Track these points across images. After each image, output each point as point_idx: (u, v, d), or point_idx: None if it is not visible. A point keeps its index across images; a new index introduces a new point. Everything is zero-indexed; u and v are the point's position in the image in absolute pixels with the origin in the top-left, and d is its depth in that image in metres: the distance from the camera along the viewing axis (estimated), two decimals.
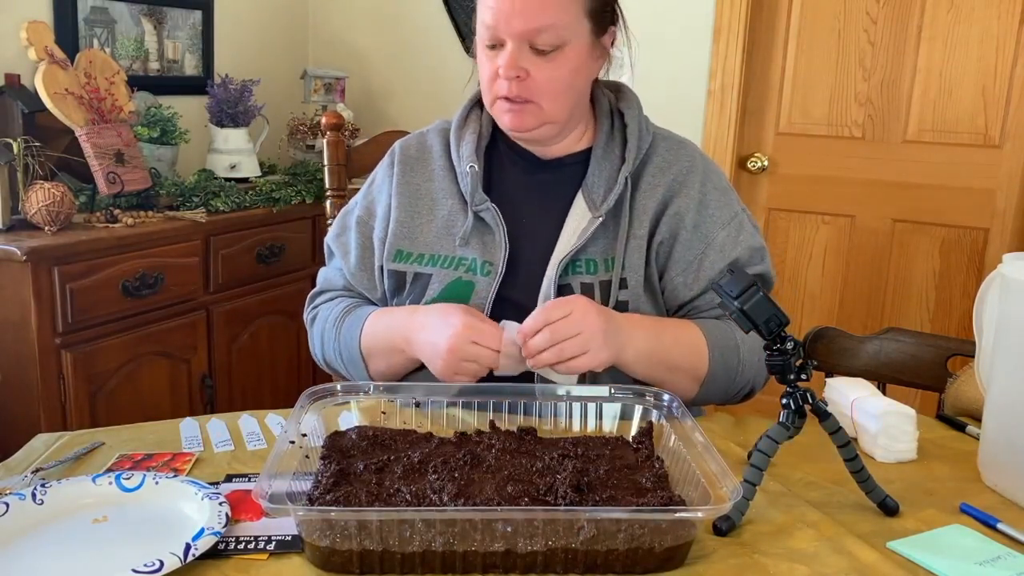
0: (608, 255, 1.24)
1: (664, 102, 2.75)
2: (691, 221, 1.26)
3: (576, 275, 1.24)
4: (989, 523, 0.95)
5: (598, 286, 1.23)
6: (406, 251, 1.30)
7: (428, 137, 1.38)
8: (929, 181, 2.65)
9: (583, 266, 1.24)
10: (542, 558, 0.82)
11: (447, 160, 1.33)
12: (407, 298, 1.30)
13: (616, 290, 1.23)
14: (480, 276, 1.25)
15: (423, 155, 1.36)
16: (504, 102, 1.22)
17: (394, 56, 3.20)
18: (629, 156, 1.26)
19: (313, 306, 1.41)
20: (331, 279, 1.40)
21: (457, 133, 1.32)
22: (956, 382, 1.30)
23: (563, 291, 1.23)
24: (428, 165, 1.34)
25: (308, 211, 2.67)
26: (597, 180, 1.27)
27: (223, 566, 0.83)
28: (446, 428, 1.08)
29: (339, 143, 1.67)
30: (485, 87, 1.24)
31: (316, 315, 1.39)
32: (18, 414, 1.99)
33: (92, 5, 2.49)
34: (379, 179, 1.37)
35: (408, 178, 1.34)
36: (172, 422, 1.17)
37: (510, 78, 1.19)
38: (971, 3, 2.51)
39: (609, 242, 1.25)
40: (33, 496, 0.91)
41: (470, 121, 1.33)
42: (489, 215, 1.26)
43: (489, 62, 1.21)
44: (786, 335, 0.93)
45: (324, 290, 1.42)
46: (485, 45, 1.21)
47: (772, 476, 1.02)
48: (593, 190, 1.26)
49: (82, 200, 2.22)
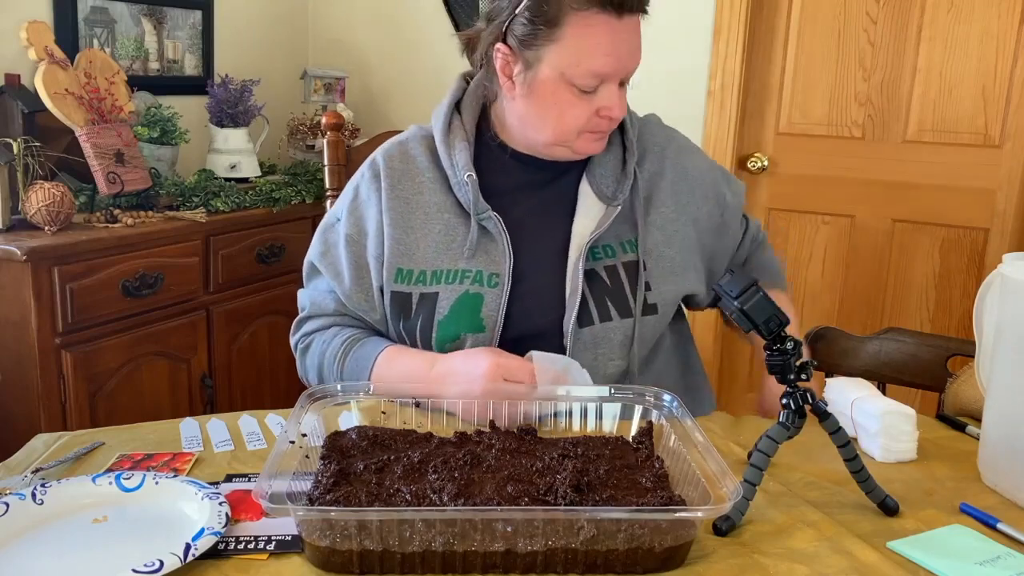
0: (622, 239, 1.27)
1: (664, 102, 2.75)
2: (700, 194, 1.34)
3: (598, 261, 1.26)
4: (989, 523, 0.95)
5: (622, 268, 1.26)
6: (406, 269, 1.26)
7: (410, 146, 1.32)
8: (929, 181, 2.65)
9: (601, 252, 1.26)
10: (542, 558, 0.82)
11: (436, 171, 1.29)
12: (416, 321, 1.25)
13: (642, 270, 1.26)
14: (488, 288, 1.24)
15: (408, 166, 1.30)
16: (595, 135, 1.23)
17: (394, 56, 3.19)
18: (631, 146, 1.29)
19: (303, 333, 1.34)
20: (320, 302, 1.33)
21: (446, 141, 1.28)
22: (956, 382, 1.30)
23: (589, 278, 1.24)
24: (415, 177, 1.29)
25: (308, 211, 2.67)
26: (604, 171, 1.29)
27: (223, 566, 0.83)
28: (446, 428, 1.08)
29: (339, 143, 1.67)
30: (572, 125, 1.21)
31: (309, 344, 1.32)
32: (18, 414, 1.99)
33: (92, 5, 2.49)
34: (364, 194, 1.30)
35: (397, 192, 1.28)
36: (172, 422, 1.17)
37: (619, 116, 1.21)
38: (971, 3, 2.51)
39: (619, 227, 1.27)
40: (33, 496, 0.91)
41: (455, 129, 1.29)
42: (491, 223, 1.24)
43: (585, 103, 1.19)
44: (786, 335, 0.93)
45: (314, 315, 1.34)
46: (581, 90, 1.18)
47: (772, 476, 1.02)
48: (601, 181, 1.28)
49: (82, 200, 2.22)
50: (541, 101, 1.20)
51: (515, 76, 1.21)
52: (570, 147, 1.24)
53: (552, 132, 1.22)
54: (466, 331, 1.23)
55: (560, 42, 1.16)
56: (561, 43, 1.16)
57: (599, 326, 1.24)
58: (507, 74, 1.22)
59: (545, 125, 1.22)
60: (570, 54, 1.16)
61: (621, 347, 1.25)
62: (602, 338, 1.24)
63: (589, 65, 1.16)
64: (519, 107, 1.24)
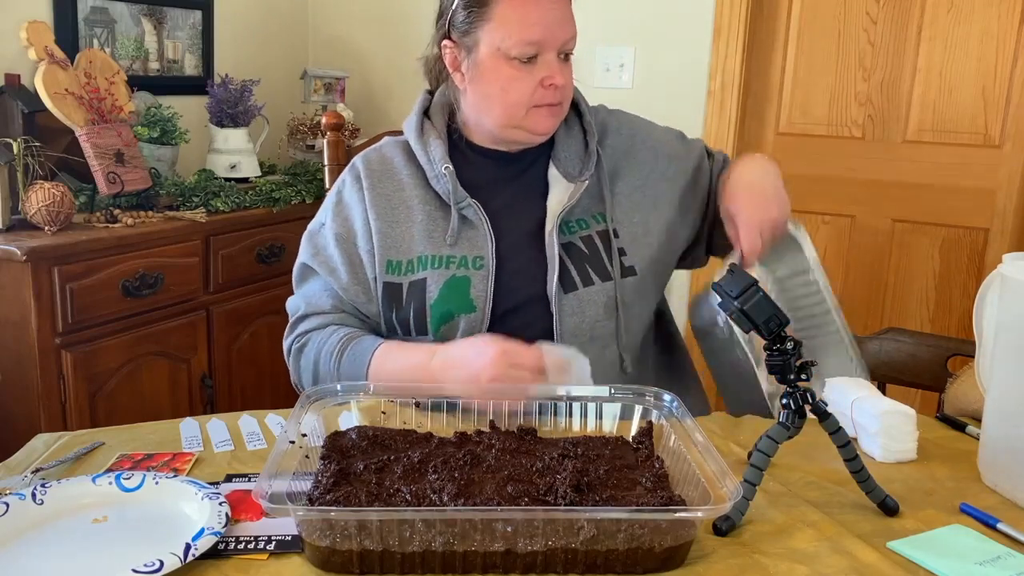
0: (593, 211, 1.33)
1: (664, 102, 2.75)
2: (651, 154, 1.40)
3: (572, 234, 1.31)
4: (989, 523, 0.95)
5: (597, 236, 1.32)
6: (395, 260, 1.30)
7: (385, 151, 1.38)
8: (929, 181, 2.64)
9: (576, 226, 1.32)
10: (542, 558, 0.82)
11: (413, 167, 1.34)
12: (408, 309, 1.28)
13: (613, 238, 1.32)
14: (473, 270, 1.27)
15: (386, 167, 1.36)
16: (546, 109, 1.28)
17: (394, 56, 3.19)
18: (590, 128, 1.36)
19: (299, 332, 1.33)
20: (316, 301, 1.33)
21: (420, 140, 1.34)
22: (956, 382, 1.30)
23: (567, 250, 1.30)
24: (394, 176, 1.35)
25: (308, 211, 2.64)
26: (568, 154, 1.35)
27: (223, 566, 0.83)
28: (446, 428, 1.08)
29: (339, 143, 1.67)
30: (518, 99, 1.26)
31: (305, 344, 1.31)
32: (18, 414, 1.99)
33: (92, 5, 2.49)
34: (347, 195, 1.36)
35: (379, 190, 1.34)
36: (172, 422, 1.17)
37: (561, 84, 1.26)
38: (971, 3, 2.51)
39: (588, 202, 1.33)
40: (33, 496, 0.91)
41: (427, 130, 1.35)
42: (471, 211, 1.30)
43: (526, 75, 1.25)
44: (786, 335, 0.93)
45: (310, 313, 1.33)
46: (519, 61, 1.24)
47: (772, 476, 1.02)
48: (566, 163, 1.34)
49: (82, 200, 2.22)
50: (485, 80, 1.27)
51: (462, 66, 1.29)
52: (523, 127, 1.29)
53: (501, 110, 1.28)
54: (457, 311, 1.27)
55: (492, 20, 1.24)
56: (493, 21, 1.24)
57: (583, 290, 1.29)
58: (455, 67, 1.30)
59: (493, 104, 1.28)
60: (502, 28, 1.24)
61: (607, 308, 1.30)
62: (587, 301, 1.29)
63: (520, 35, 1.23)
64: (470, 96, 1.31)
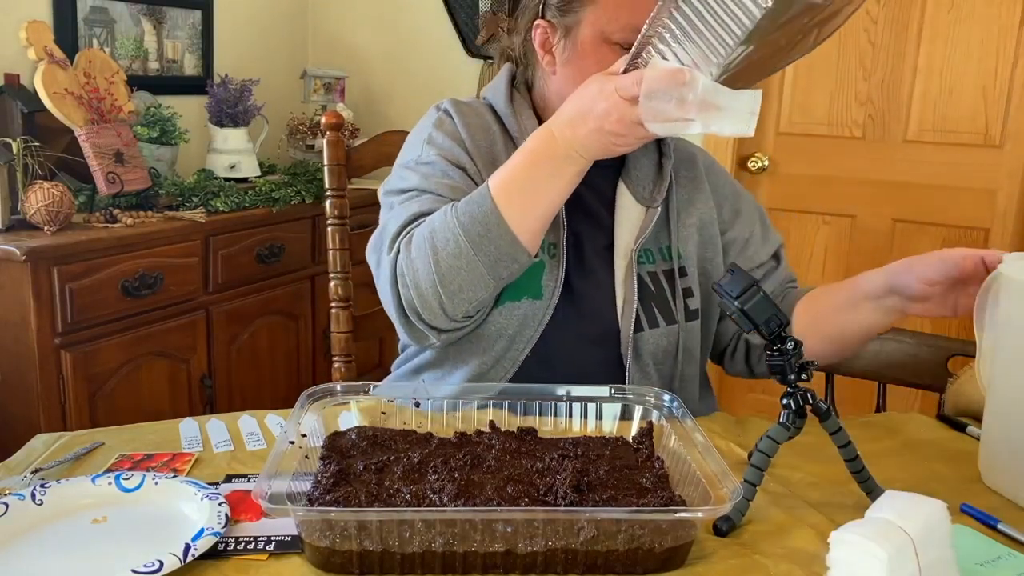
0: (660, 244, 1.29)
1: None
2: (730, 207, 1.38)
3: (641, 265, 1.27)
4: (989, 523, 0.95)
5: (662, 275, 1.28)
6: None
7: (473, 104, 1.31)
8: (929, 181, 2.65)
9: (644, 256, 1.28)
10: (542, 558, 0.82)
11: (502, 130, 1.28)
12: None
13: (679, 278, 1.28)
14: (547, 257, 1.23)
15: (480, 119, 1.27)
16: None
17: (394, 56, 3.20)
18: (668, 150, 1.31)
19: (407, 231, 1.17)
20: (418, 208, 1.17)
21: (510, 107, 1.28)
22: (956, 382, 1.30)
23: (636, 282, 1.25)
24: (487, 128, 1.27)
25: (308, 211, 2.67)
26: (640, 173, 1.30)
27: (223, 566, 0.83)
28: (446, 428, 1.08)
29: (339, 143, 1.67)
30: None
31: (411, 235, 1.16)
32: (18, 414, 1.99)
33: (92, 5, 2.49)
34: (442, 131, 1.26)
35: (471, 131, 1.25)
36: (172, 422, 1.17)
37: None
38: (971, 3, 2.51)
39: (656, 232, 1.29)
40: (33, 496, 0.91)
41: (517, 99, 1.29)
42: None
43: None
44: (786, 335, 0.93)
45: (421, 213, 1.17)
46: (620, 47, 1.15)
47: (772, 476, 1.02)
48: (637, 183, 1.29)
49: (81, 200, 2.22)
50: (582, 64, 1.19)
51: (555, 48, 1.23)
52: None
53: None
54: (526, 295, 1.22)
55: (598, 2, 1.17)
56: (598, 3, 1.17)
57: (648, 332, 1.25)
58: (546, 48, 1.24)
59: None
60: (609, 10, 1.17)
61: (665, 353, 1.27)
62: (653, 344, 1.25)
63: (628, 19, 1.14)
64: (559, 80, 1.24)
